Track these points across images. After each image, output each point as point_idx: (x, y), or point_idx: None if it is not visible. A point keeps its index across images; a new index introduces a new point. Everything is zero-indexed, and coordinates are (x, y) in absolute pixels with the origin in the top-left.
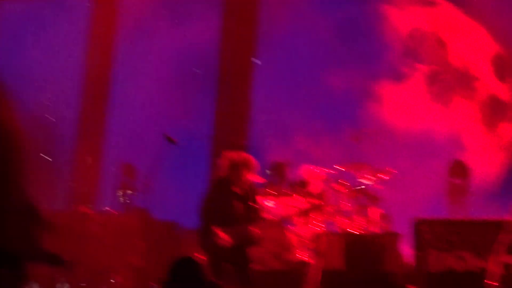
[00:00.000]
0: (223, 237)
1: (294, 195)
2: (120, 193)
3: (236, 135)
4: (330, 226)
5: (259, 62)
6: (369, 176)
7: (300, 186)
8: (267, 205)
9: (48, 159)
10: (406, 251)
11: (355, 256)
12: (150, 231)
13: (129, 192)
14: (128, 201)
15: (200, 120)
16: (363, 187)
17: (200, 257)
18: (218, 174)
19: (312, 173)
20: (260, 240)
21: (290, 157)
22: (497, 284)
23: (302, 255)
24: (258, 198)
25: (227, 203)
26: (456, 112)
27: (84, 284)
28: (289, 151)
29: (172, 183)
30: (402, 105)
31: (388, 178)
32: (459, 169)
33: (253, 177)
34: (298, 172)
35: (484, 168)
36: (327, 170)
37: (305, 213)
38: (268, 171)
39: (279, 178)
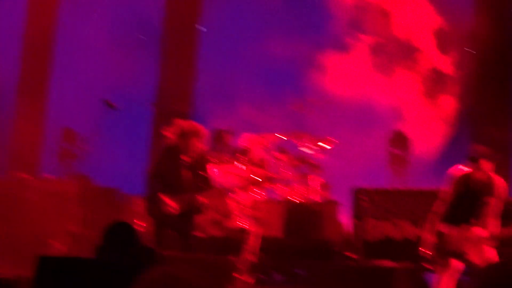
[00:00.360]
0: (170, 204)
1: (235, 162)
2: (60, 158)
3: (179, 102)
4: (270, 194)
5: (204, 29)
6: (310, 145)
7: (242, 153)
8: (210, 173)
9: None
10: (345, 219)
11: (294, 224)
12: (90, 197)
13: (69, 157)
14: (68, 167)
15: (143, 86)
16: (304, 155)
17: (140, 223)
18: (167, 142)
19: (254, 141)
20: (206, 208)
21: (233, 124)
22: (431, 252)
23: (242, 223)
24: (208, 167)
25: (176, 171)
26: (398, 84)
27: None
28: (232, 118)
29: (113, 149)
30: (345, 75)
31: (329, 147)
32: (400, 140)
33: (202, 146)
34: (240, 140)
35: (424, 139)
36: (269, 138)
37: (254, 184)
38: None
39: (221, 146)
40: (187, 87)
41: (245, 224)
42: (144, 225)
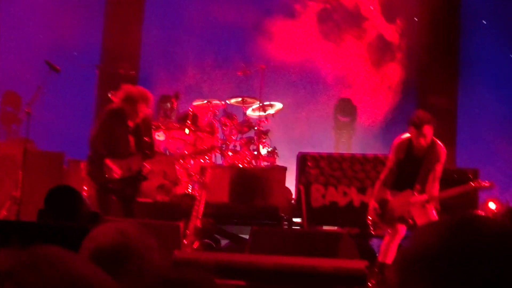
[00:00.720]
0: (113, 169)
1: (182, 128)
2: (3, 122)
3: (125, 65)
4: (217, 159)
5: None
6: (257, 111)
7: (189, 119)
8: (155, 138)
9: None
10: (291, 185)
11: (240, 189)
12: (34, 161)
13: (12, 121)
14: (11, 131)
15: (88, 48)
16: (251, 121)
17: (86, 187)
18: (111, 106)
19: (201, 107)
20: (150, 174)
21: (180, 90)
22: (376, 218)
23: (188, 188)
24: (153, 133)
25: (119, 135)
26: (345, 51)
27: None
28: (179, 84)
29: (58, 113)
30: (293, 41)
31: (276, 113)
32: (346, 107)
33: (148, 111)
34: (188, 106)
35: (370, 106)
36: (216, 104)
37: (202, 153)
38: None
39: (168, 111)
40: (132, 50)
41: (191, 189)
42: (87, 189)
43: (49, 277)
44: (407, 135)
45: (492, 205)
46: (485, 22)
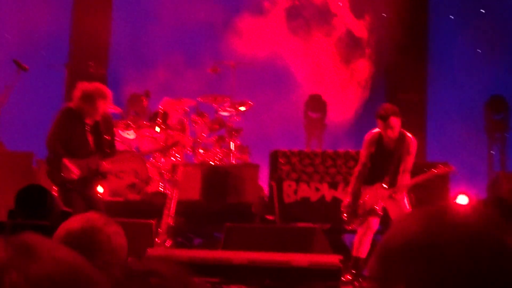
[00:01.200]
0: (71, 168)
1: (153, 126)
2: None
3: (93, 64)
4: (188, 157)
5: None
6: (228, 108)
7: (159, 117)
8: (126, 137)
9: None
10: (263, 182)
11: (212, 187)
12: (3, 162)
13: None
14: None
15: (55, 47)
16: (222, 119)
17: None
18: (68, 105)
19: (172, 105)
20: (111, 172)
21: (150, 88)
22: (349, 213)
23: (160, 186)
24: (115, 130)
25: (77, 134)
26: (314, 48)
27: None
28: (149, 82)
29: (26, 113)
30: (262, 38)
31: (247, 110)
32: (316, 103)
33: (108, 108)
34: (158, 104)
35: (340, 102)
36: (187, 102)
37: (167, 149)
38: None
39: (139, 110)
40: (101, 48)
41: (162, 188)
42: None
43: (48, 264)
44: (377, 129)
45: (463, 198)
46: (452, 17)
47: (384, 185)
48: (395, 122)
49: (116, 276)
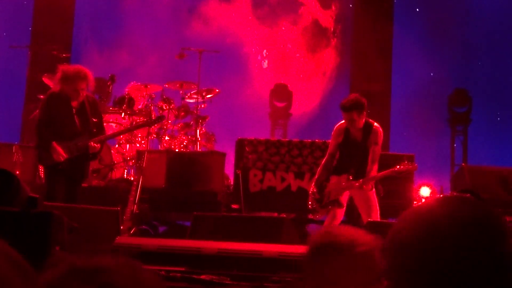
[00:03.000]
0: (60, 151)
1: (118, 112)
2: None
3: (57, 47)
4: (154, 144)
5: None
6: (194, 95)
7: (125, 103)
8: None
9: None
10: (230, 170)
11: (178, 174)
12: None
13: None
14: None
15: (17, 29)
16: (189, 105)
17: (18, 172)
18: (52, 89)
19: (137, 90)
20: (99, 151)
21: (114, 73)
22: (314, 202)
23: (124, 172)
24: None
25: (64, 117)
26: (280, 36)
27: None
28: (114, 67)
29: None
30: (228, 26)
31: (213, 97)
32: (282, 93)
33: (89, 88)
34: (123, 89)
35: (305, 92)
36: (153, 88)
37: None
38: None
39: (103, 94)
40: (64, 31)
41: (128, 175)
42: (19, 174)
43: None
44: (342, 121)
45: (425, 190)
46: (418, 10)
47: (350, 177)
48: (356, 115)
49: (62, 274)
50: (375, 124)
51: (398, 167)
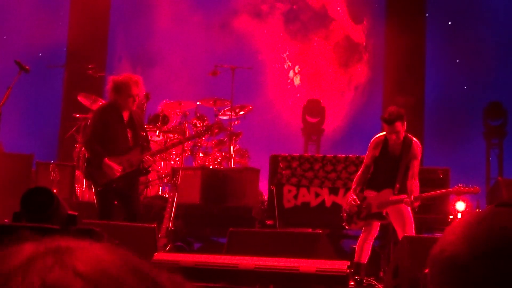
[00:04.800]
0: (114, 167)
1: (153, 129)
2: None
3: (93, 67)
4: (187, 160)
5: None
6: (228, 112)
7: (159, 121)
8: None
9: None
10: (263, 186)
11: (212, 191)
12: (2, 164)
13: None
14: None
15: (53, 49)
16: (222, 122)
17: (55, 190)
18: (103, 103)
19: (171, 108)
20: (153, 166)
21: (149, 90)
22: (352, 217)
23: (159, 189)
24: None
25: (116, 130)
26: (312, 52)
27: None
28: (148, 85)
29: (26, 114)
30: (261, 42)
31: (246, 114)
32: (314, 108)
33: (141, 94)
34: (157, 106)
35: (338, 107)
36: (188, 105)
37: (166, 149)
38: None
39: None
40: (99, 50)
41: (163, 191)
42: (57, 192)
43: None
44: (383, 133)
45: (461, 205)
46: (450, 23)
47: (394, 192)
48: (400, 126)
49: None
50: (414, 139)
51: (458, 187)
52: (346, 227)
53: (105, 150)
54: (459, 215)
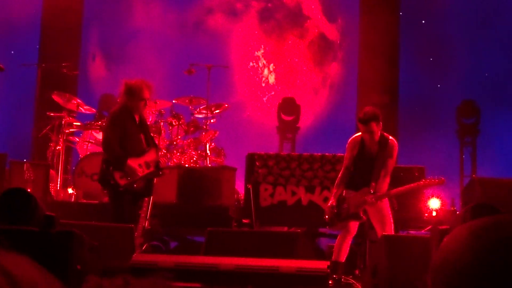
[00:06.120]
0: (136, 168)
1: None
2: None
3: (67, 65)
4: (163, 159)
5: None
6: (204, 110)
7: None
8: (99, 139)
9: None
10: (240, 185)
11: (188, 189)
12: None
13: None
14: None
15: (27, 47)
16: (198, 121)
17: (30, 190)
18: (116, 105)
19: (146, 107)
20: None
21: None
22: (331, 216)
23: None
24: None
25: (132, 132)
26: (287, 50)
27: None
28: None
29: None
30: (235, 41)
31: (222, 112)
32: (289, 107)
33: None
34: None
35: (313, 106)
36: (162, 104)
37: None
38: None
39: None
40: (72, 49)
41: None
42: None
43: None
44: (360, 133)
45: (435, 202)
46: (423, 22)
47: (370, 190)
48: (375, 126)
49: None
50: (391, 137)
51: (424, 181)
52: (329, 228)
53: (126, 152)
54: (433, 213)
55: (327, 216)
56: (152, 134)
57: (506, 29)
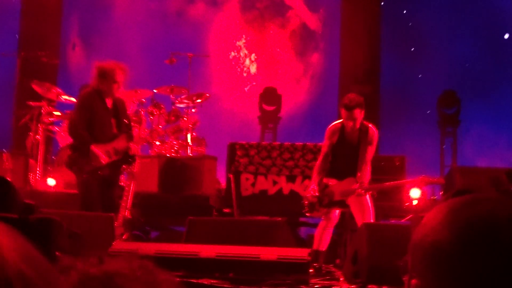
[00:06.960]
0: (100, 154)
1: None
2: None
3: (47, 54)
4: (144, 148)
5: None
6: (185, 100)
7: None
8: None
9: None
10: (221, 174)
11: (169, 179)
12: None
13: None
14: None
15: (6, 36)
16: (179, 110)
17: (9, 179)
18: (87, 89)
19: (127, 96)
20: (137, 154)
21: None
22: (310, 201)
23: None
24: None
25: (101, 117)
26: (269, 40)
27: None
28: None
29: None
30: (217, 30)
31: (203, 102)
32: (271, 96)
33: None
34: None
35: (295, 95)
36: (143, 93)
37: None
38: None
39: None
40: (52, 38)
41: (120, 180)
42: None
43: None
44: (339, 120)
45: (416, 192)
46: (405, 12)
47: (356, 180)
48: (359, 113)
49: (74, 281)
50: (370, 125)
51: (423, 177)
52: (307, 214)
53: (91, 137)
54: (414, 202)
55: (306, 202)
56: (132, 124)
57: (487, 20)
